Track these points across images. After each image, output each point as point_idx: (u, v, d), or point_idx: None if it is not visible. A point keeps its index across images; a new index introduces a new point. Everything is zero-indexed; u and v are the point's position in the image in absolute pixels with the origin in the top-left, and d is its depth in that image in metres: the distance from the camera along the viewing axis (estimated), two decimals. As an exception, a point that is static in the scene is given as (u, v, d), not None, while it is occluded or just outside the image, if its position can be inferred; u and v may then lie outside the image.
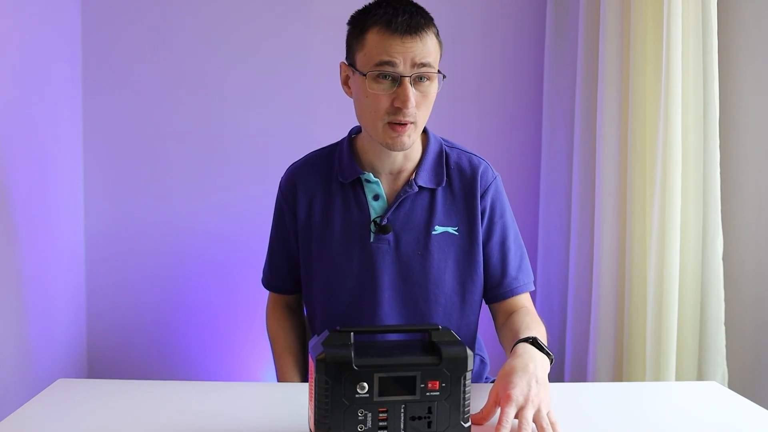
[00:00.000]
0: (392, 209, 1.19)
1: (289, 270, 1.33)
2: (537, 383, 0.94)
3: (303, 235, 1.25)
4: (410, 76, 1.08)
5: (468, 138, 1.39)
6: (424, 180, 1.20)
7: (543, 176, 2.10)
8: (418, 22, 1.09)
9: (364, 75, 1.10)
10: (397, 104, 1.09)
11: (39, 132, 1.80)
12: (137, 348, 2.12)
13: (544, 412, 0.92)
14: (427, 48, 1.10)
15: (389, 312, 1.20)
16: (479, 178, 1.22)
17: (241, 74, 2.10)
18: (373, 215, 1.20)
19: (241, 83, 2.10)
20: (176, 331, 2.13)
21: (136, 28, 2.06)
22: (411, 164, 1.22)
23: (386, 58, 1.08)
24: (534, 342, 1.03)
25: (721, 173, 1.59)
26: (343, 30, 2.23)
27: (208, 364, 2.14)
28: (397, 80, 1.09)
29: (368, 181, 1.21)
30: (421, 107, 1.12)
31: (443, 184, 1.21)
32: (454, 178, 1.22)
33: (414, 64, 1.08)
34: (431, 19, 1.14)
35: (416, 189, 1.19)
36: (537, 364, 0.98)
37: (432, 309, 1.21)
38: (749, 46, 1.67)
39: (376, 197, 1.20)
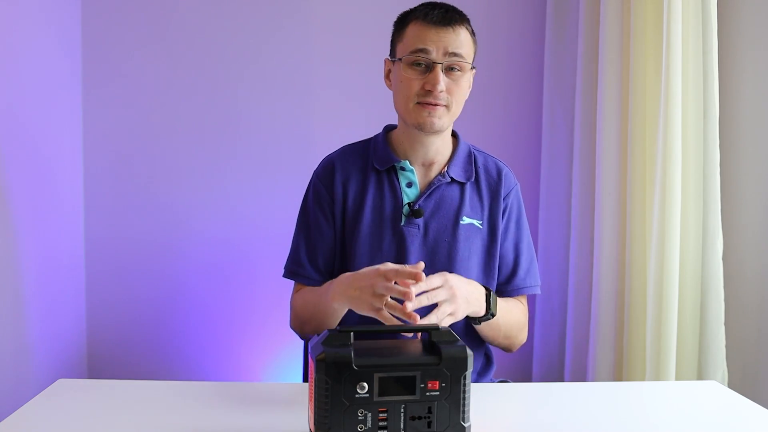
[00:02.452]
0: (425, 196, 1.26)
1: (323, 256, 1.31)
2: (465, 299, 1.11)
3: (339, 216, 1.30)
4: (442, 63, 1.18)
5: (468, 138, 1.40)
6: (456, 173, 1.28)
7: (543, 176, 2.10)
8: (453, 16, 1.20)
9: (401, 60, 1.21)
10: (427, 87, 1.18)
11: (39, 132, 1.80)
12: (137, 348, 2.12)
13: (446, 308, 1.07)
14: (460, 40, 1.19)
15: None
16: (504, 180, 1.31)
17: (241, 74, 2.10)
18: (406, 200, 1.27)
19: (241, 83, 2.10)
20: (176, 331, 2.13)
21: (136, 28, 2.06)
22: (442, 158, 1.30)
23: (421, 46, 1.18)
24: (488, 294, 1.19)
25: (721, 173, 1.59)
26: (343, 31, 2.24)
27: (208, 364, 2.14)
28: (430, 67, 1.18)
29: (403, 169, 1.28)
30: (453, 93, 1.20)
31: (472, 180, 1.29)
32: (482, 176, 1.31)
33: (446, 53, 1.18)
34: (466, 18, 1.24)
35: (448, 179, 1.27)
36: (473, 293, 1.15)
37: None
38: (749, 46, 1.67)
39: (410, 184, 1.28)
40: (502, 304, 1.24)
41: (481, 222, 1.28)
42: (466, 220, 1.26)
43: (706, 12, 1.57)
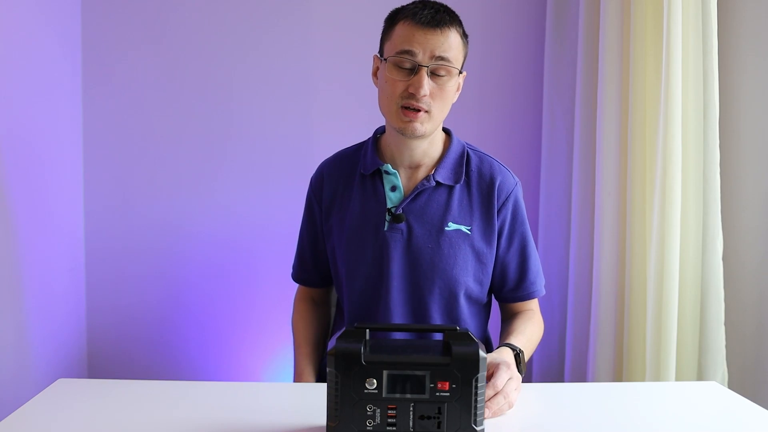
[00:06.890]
0: (408, 200, 1.22)
1: (314, 263, 1.36)
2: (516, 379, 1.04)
3: (327, 224, 1.30)
4: (427, 66, 1.13)
5: (468, 138, 1.39)
6: (443, 176, 1.23)
7: (543, 176, 2.10)
8: (442, 17, 1.15)
9: (387, 60, 1.16)
10: (411, 90, 1.14)
11: (39, 132, 1.79)
12: (137, 348, 2.12)
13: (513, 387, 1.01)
14: (449, 43, 1.14)
15: (397, 301, 1.23)
16: (498, 187, 1.25)
17: (241, 75, 2.09)
18: (389, 205, 1.23)
19: (241, 84, 2.10)
20: (176, 331, 2.13)
21: (136, 28, 2.06)
22: (430, 161, 1.25)
23: (407, 47, 1.14)
24: (517, 356, 1.12)
25: (721, 173, 1.59)
26: (343, 31, 2.23)
27: (208, 364, 2.14)
28: (415, 69, 1.14)
29: (387, 173, 1.24)
30: (436, 99, 1.16)
31: (461, 183, 1.24)
32: (473, 179, 1.25)
33: (432, 56, 1.13)
34: (458, 20, 1.18)
35: (433, 183, 1.22)
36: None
37: (437, 302, 1.23)
38: (749, 46, 1.67)
39: (394, 188, 1.24)
40: (522, 341, 1.19)
41: (469, 228, 1.22)
42: (452, 225, 1.21)
43: (706, 12, 1.58)
